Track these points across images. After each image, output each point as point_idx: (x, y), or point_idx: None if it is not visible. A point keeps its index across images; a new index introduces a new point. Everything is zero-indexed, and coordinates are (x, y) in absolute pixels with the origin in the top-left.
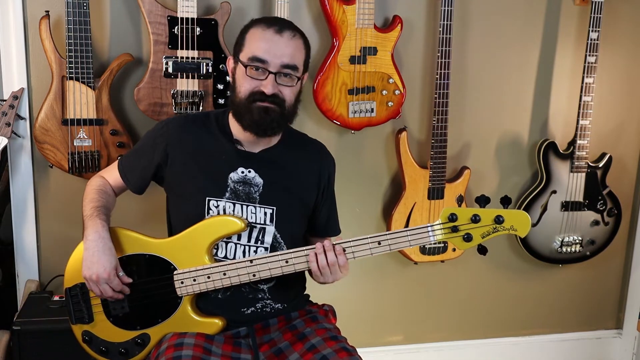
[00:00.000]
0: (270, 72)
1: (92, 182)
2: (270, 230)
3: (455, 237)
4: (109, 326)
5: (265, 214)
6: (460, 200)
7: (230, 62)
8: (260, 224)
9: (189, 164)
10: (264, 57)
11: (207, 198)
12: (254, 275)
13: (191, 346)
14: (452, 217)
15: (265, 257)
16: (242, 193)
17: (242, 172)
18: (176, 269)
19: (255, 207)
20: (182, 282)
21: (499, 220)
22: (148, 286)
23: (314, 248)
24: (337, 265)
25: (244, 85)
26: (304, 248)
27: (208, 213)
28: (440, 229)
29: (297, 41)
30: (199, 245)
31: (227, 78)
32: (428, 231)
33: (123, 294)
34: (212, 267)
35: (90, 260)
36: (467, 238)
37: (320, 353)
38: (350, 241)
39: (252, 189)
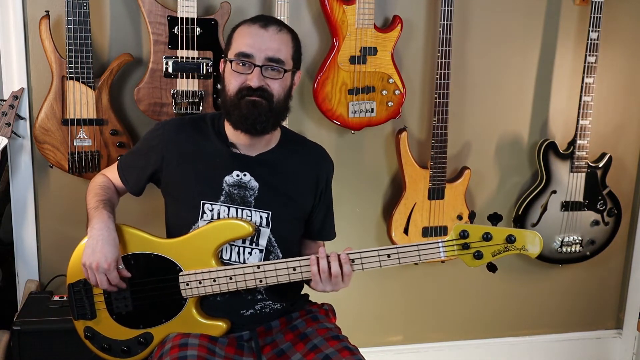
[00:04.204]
0: (255, 66)
1: (95, 179)
2: (266, 232)
3: (465, 255)
4: (112, 324)
5: (260, 217)
6: (472, 216)
7: (221, 64)
8: None
9: (184, 167)
10: (249, 51)
11: (201, 201)
12: (260, 281)
13: (196, 346)
14: (464, 234)
15: (273, 264)
16: (237, 197)
17: (237, 176)
18: (182, 270)
19: (250, 210)
20: (187, 284)
21: (510, 239)
22: (153, 286)
23: (317, 254)
24: (340, 276)
25: (232, 82)
26: (311, 256)
27: (202, 217)
28: (452, 245)
29: (283, 36)
30: (206, 248)
31: None
32: (439, 247)
33: (119, 288)
34: (218, 271)
35: (93, 248)
36: (478, 256)
37: (323, 353)
38: (359, 252)
39: (247, 192)
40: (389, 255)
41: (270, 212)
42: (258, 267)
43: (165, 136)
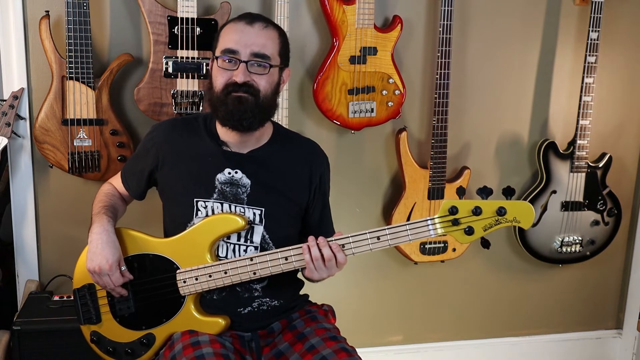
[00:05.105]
0: (241, 62)
1: (102, 187)
2: (259, 229)
3: (456, 231)
4: (116, 326)
5: (254, 214)
6: (461, 192)
7: (210, 64)
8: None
9: (177, 166)
10: (235, 47)
11: (194, 199)
12: (254, 274)
13: (208, 343)
14: (453, 210)
15: (265, 255)
16: (229, 194)
17: (229, 173)
18: (179, 268)
19: (243, 207)
20: (184, 282)
21: (501, 212)
22: (152, 286)
23: (307, 242)
24: (333, 260)
25: (218, 78)
26: (302, 245)
27: (197, 214)
28: (441, 222)
29: (269, 32)
30: (201, 244)
31: None
32: (428, 225)
33: (124, 289)
34: (213, 266)
35: (94, 252)
36: (469, 231)
37: (320, 354)
38: (349, 237)
39: (239, 189)
40: (378, 238)
41: (263, 209)
42: (251, 259)
43: (159, 137)
